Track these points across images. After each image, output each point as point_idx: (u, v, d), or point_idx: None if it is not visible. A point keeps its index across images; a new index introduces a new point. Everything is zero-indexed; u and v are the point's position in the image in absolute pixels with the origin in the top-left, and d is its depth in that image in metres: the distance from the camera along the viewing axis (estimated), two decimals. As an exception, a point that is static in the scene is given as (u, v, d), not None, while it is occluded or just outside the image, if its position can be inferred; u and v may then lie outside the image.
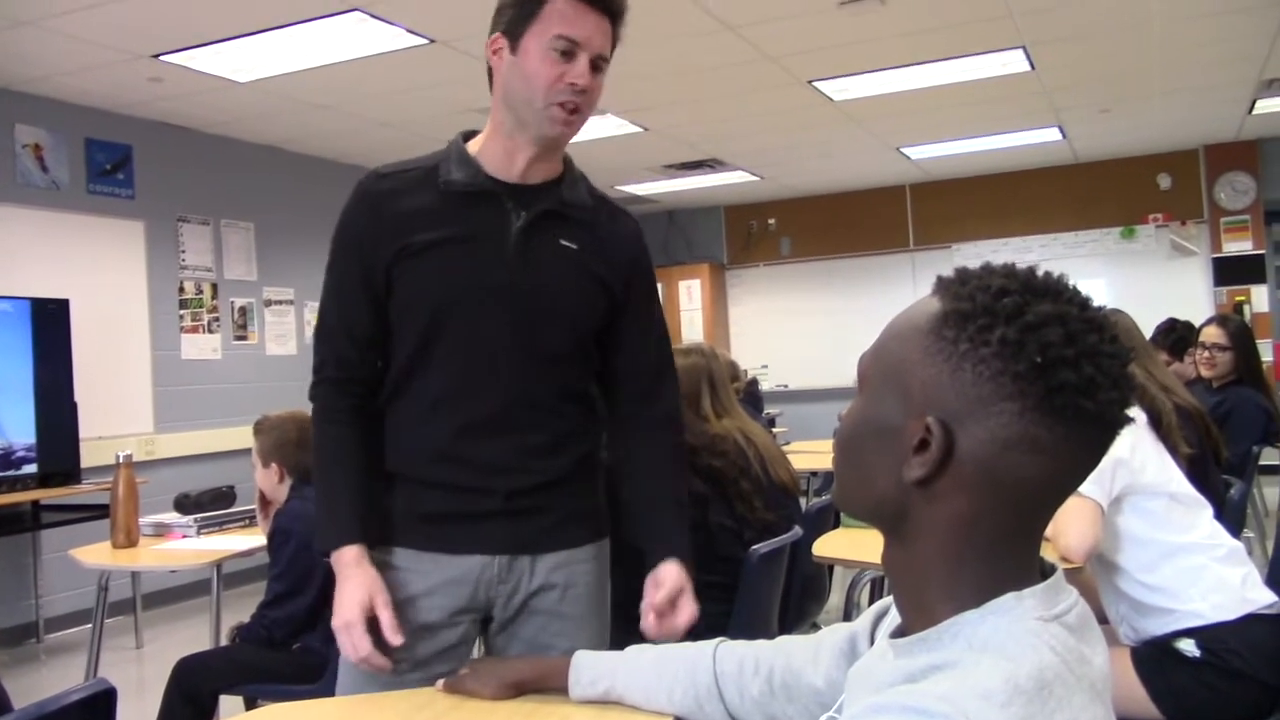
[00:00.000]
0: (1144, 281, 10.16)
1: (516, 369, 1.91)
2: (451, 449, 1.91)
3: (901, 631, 0.99)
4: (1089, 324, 0.90)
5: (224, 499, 4.51)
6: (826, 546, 3.32)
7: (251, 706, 3.51)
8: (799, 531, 3.23)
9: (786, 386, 11.50)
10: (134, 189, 6.91)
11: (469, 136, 1.99)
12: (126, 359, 6.85)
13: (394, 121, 7.28)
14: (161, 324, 7.10)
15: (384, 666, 1.81)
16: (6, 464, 5.73)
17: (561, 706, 1.59)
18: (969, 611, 0.91)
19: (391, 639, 1.81)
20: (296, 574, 3.26)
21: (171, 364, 7.16)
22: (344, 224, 1.96)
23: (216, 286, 7.55)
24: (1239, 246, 9.95)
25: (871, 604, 1.35)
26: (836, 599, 4.39)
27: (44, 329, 5.94)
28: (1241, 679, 2.34)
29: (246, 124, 7.30)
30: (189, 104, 6.68)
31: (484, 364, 1.90)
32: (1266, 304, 9.90)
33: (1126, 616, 2.55)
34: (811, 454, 6.08)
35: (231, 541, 4.01)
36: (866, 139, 8.82)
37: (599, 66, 1.88)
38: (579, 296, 1.96)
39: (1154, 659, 2.44)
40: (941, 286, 0.97)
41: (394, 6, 5.09)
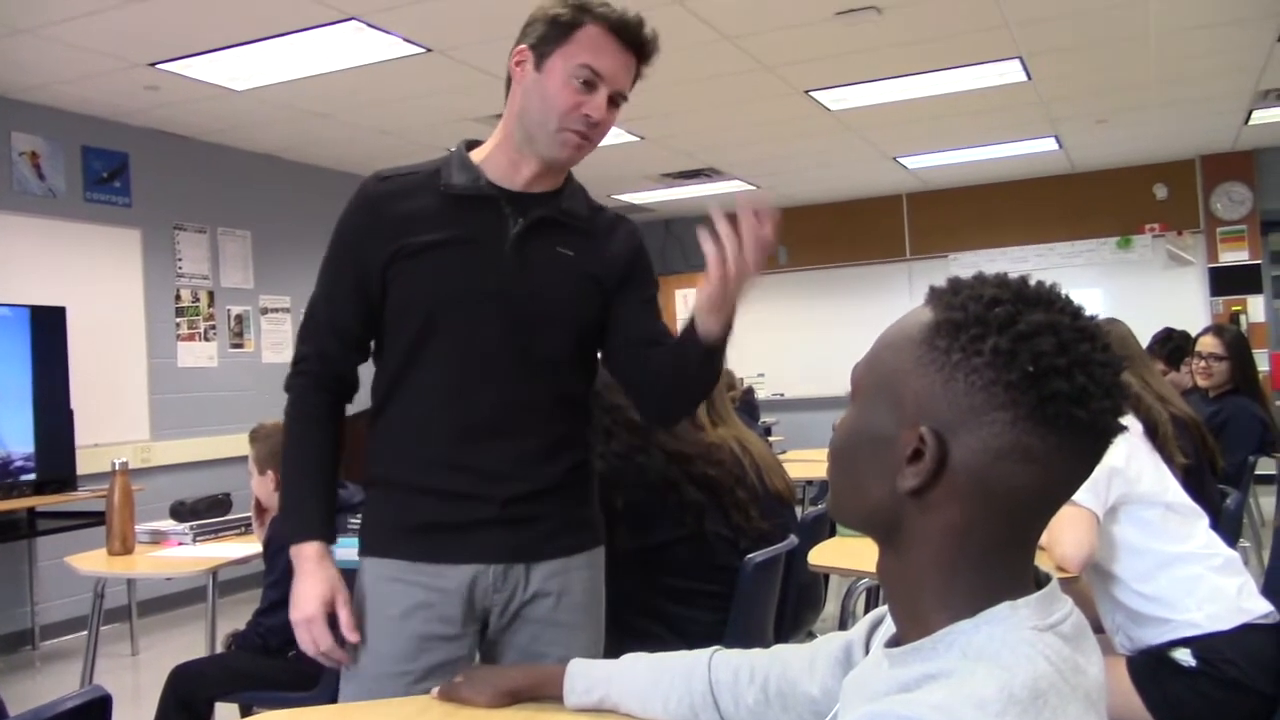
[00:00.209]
0: (1140, 291, 10.18)
1: (511, 374, 1.91)
2: (445, 455, 1.91)
3: (896, 641, 0.99)
4: (1081, 333, 0.90)
5: (220, 506, 4.50)
6: (822, 555, 3.32)
7: (247, 714, 3.52)
8: (795, 540, 3.23)
9: (783, 395, 11.51)
10: (131, 197, 6.91)
11: (472, 145, 2.00)
12: (123, 366, 6.84)
13: (391, 130, 7.29)
14: (158, 332, 7.10)
15: (342, 659, 1.89)
16: (4, 472, 5.72)
17: (556, 715, 1.58)
18: (964, 621, 0.91)
19: (349, 636, 1.88)
20: (292, 581, 3.25)
21: (168, 371, 7.15)
22: (343, 223, 1.98)
23: (213, 294, 7.55)
24: (1235, 256, 9.97)
25: (867, 613, 1.35)
26: (832, 608, 4.39)
27: (41, 336, 5.93)
28: (1237, 688, 2.34)
29: (243, 132, 7.30)
30: (186, 112, 6.69)
31: (478, 368, 1.90)
32: (1263, 314, 9.91)
33: (1122, 626, 2.55)
34: (807, 463, 6.08)
35: (227, 549, 3.99)
36: (863, 148, 8.84)
37: (616, 102, 1.91)
38: (574, 302, 1.96)
39: (1150, 668, 2.44)
40: (934, 296, 0.97)
41: (391, 16, 5.10)
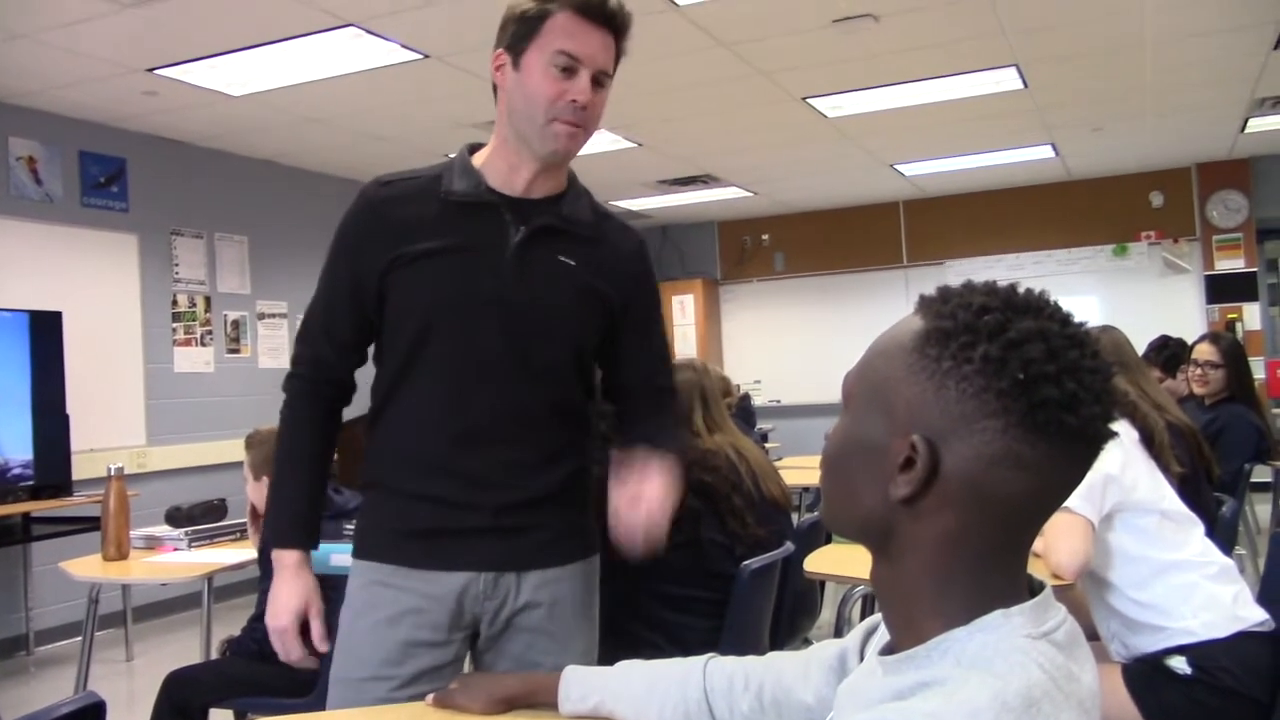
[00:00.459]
0: (1136, 299, 10.19)
1: (508, 382, 1.90)
2: (440, 461, 1.91)
3: (890, 648, 0.99)
4: (1070, 340, 0.91)
5: (215, 512, 4.50)
6: (818, 562, 3.32)
7: (242, 720, 3.52)
8: (790, 547, 3.23)
9: (779, 402, 11.51)
10: (128, 202, 6.91)
11: (475, 149, 1.99)
12: (119, 372, 6.83)
13: (388, 136, 7.29)
14: (154, 337, 7.09)
15: (312, 666, 1.99)
16: (0, 478, 5.71)
17: (551, 722, 1.58)
18: (957, 629, 0.91)
19: (320, 647, 1.92)
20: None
21: (164, 377, 7.15)
22: (343, 227, 1.97)
23: (210, 300, 7.55)
24: (1231, 264, 9.99)
25: (863, 620, 1.34)
26: (828, 614, 4.39)
27: (37, 341, 5.93)
28: (1232, 696, 2.34)
29: (240, 138, 7.30)
30: (183, 117, 6.69)
31: (475, 376, 1.90)
32: (1259, 321, 9.93)
33: (1118, 633, 2.55)
34: (804, 469, 6.07)
35: (222, 555, 3.99)
36: (860, 155, 8.85)
37: (601, 82, 1.88)
38: (574, 312, 1.96)
39: (1145, 676, 2.44)
40: (924, 305, 0.97)
41: (388, 22, 5.10)
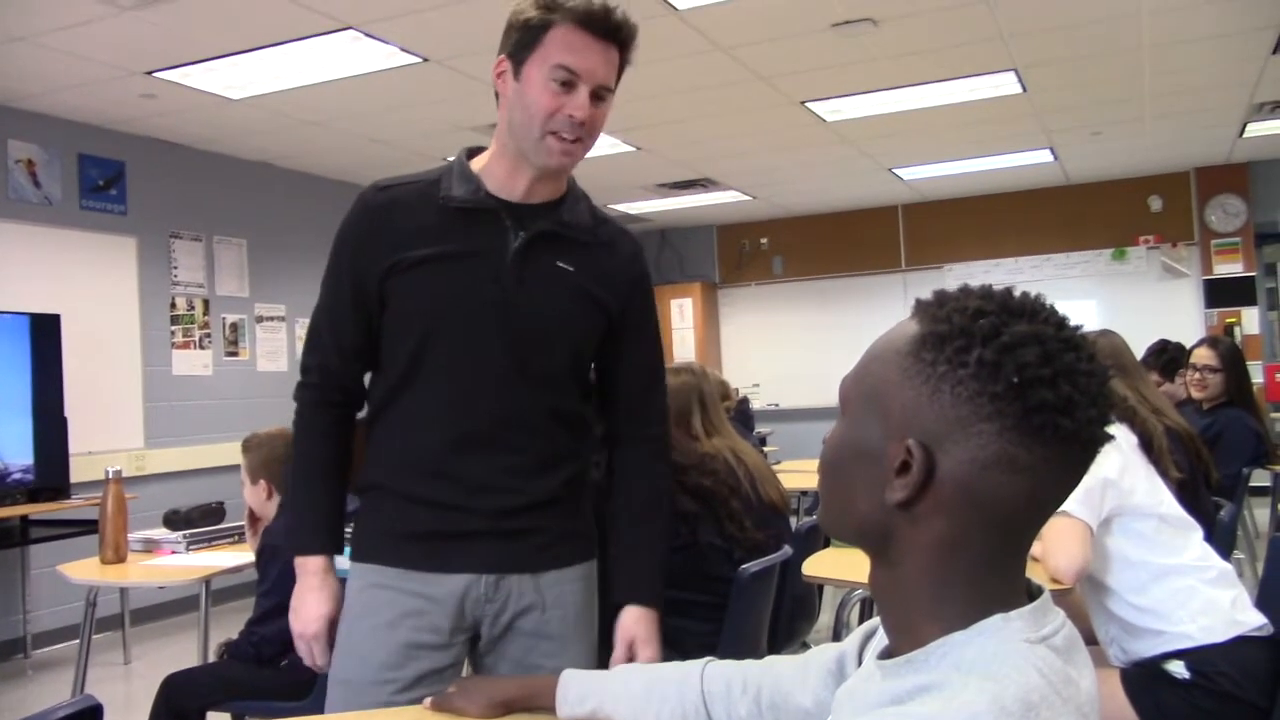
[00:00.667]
0: (1135, 303, 10.20)
1: (507, 388, 1.90)
2: (440, 466, 1.90)
3: (889, 652, 0.99)
4: (1066, 343, 0.90)
5: (213, 515, 4.50)
6: (816, 566, 3.32)
7: (239, 724, 3.51)
8: (789, 551, 3.23)
9: (778, 405, 11.51)
10: (126, 205, 6.90)
11: (474, 153, 1.98)
12: (117, 374, 6.83)
13: (387, 139, 7.29)
14: (153, 340, 7.09)
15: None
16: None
17: (549, 726, 1.58)
18: (956, 633, 0.91)
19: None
20: (285, 591, 3.21)
21: (162, 380, 7.14)
22: (342, 234, 1.97)
23: (208, 302, 7.54)
24: (1229, 268, 9.99)
25: (861, 623, 1.34)
26: (826, 618, 4.39)
27: (35, 344, 5.92)
28: (1231, 701, 2.34)
29: (239, 141, 7.30)
30: (182, 120, 6.69)
31: (475, 382, 1.90)
32: (1257, 326, 9.93)
33: (1116, 638, 2.55)
34: (802, 473, 6.07)
35: (220, 558, 3.99)
36: (859, 160, 8.85)
37: (601, 96, 1.86)
38: (573, 318, 1.95)
39: (1143, 680, 2.44)
40: (920, 309, 0.97)
41: (387, 26, 5.10)
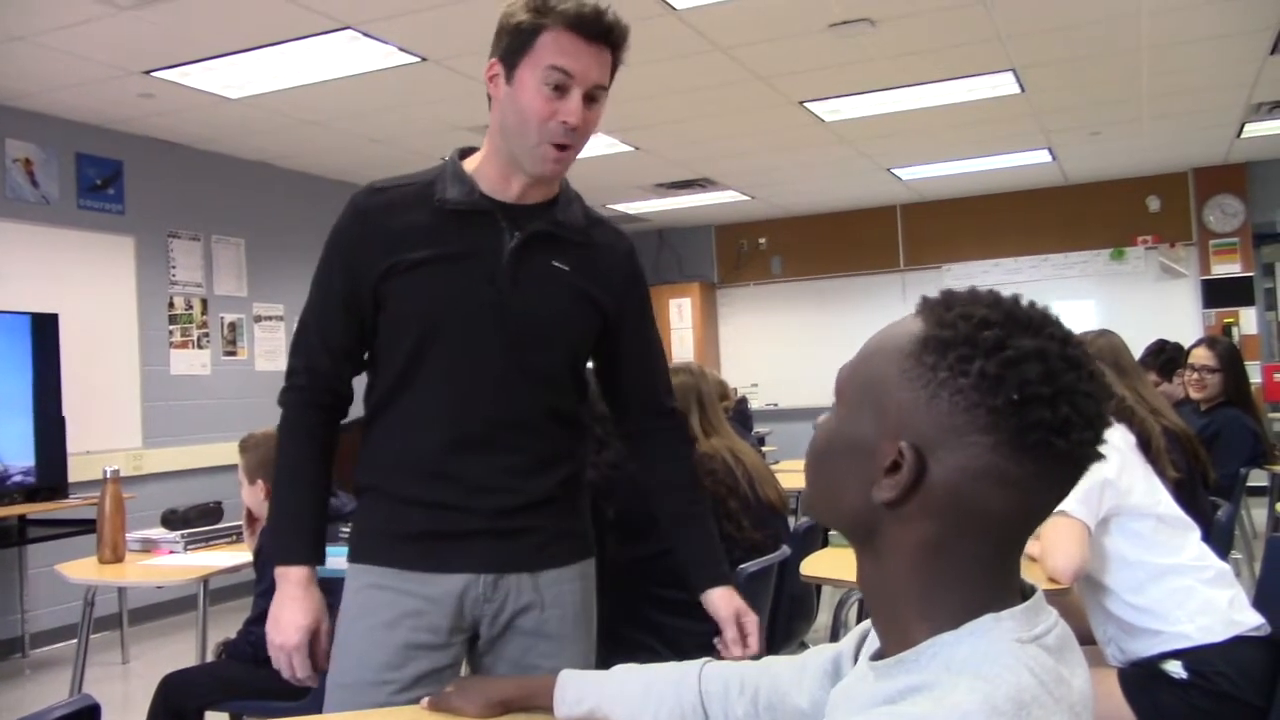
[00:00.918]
0: (1133, 303, 10.20)
1: (505, 388, 1.90)
2: (437, 466, 1.90)
3: (880, 653, 0.99)
4: (1069, 362, 0.90)
5: (211, 515, 4.49)
6: (814, 566, 3.32)
7: (236, 723, 3.51)
8: (787, 551, 3.23)
9: (776, 405, 11.50)
10: (124, 204, 6.90)
11: (466, 154, 1.97)
12: (115, 374, 6.83)
13: (386, 138, 7.29)
14: (151, 339, 7.08)
15: (314, 684, 1.90)
16: (-2, 480, 5.71)
17: (545, 726, 1.58)
18: (947, 633, 0.91)
19: (323, 665, 1.89)
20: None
21: (160, 379, 7.14)
22: (335, 237, 1.95)
23: (206, 302, 7.54)
24: (1227, 269, 10.00)
25: (858, 624, 1.34)
26: (824, 618, 4.38)
27: (34, 343, 5.92)
28: (1228, 701, 2.34)
29: (238, 140, 7.30)
30: (180, 120, 6.69)
31: (472, 382, 1.89)
32: (1255, 326, 9.94)
33: (1114, 638, 2.55)
34: (800, 473, 6.06)
35: (218, 558, 3.99)
36: (857, 160, 8.85)
37: (595, 97, 1.85)
38: (569, 318, 1.96)
39: (1141, 680, 2.44)
40: (926, 308, 0.97)
41: (386, 25, 5.10)
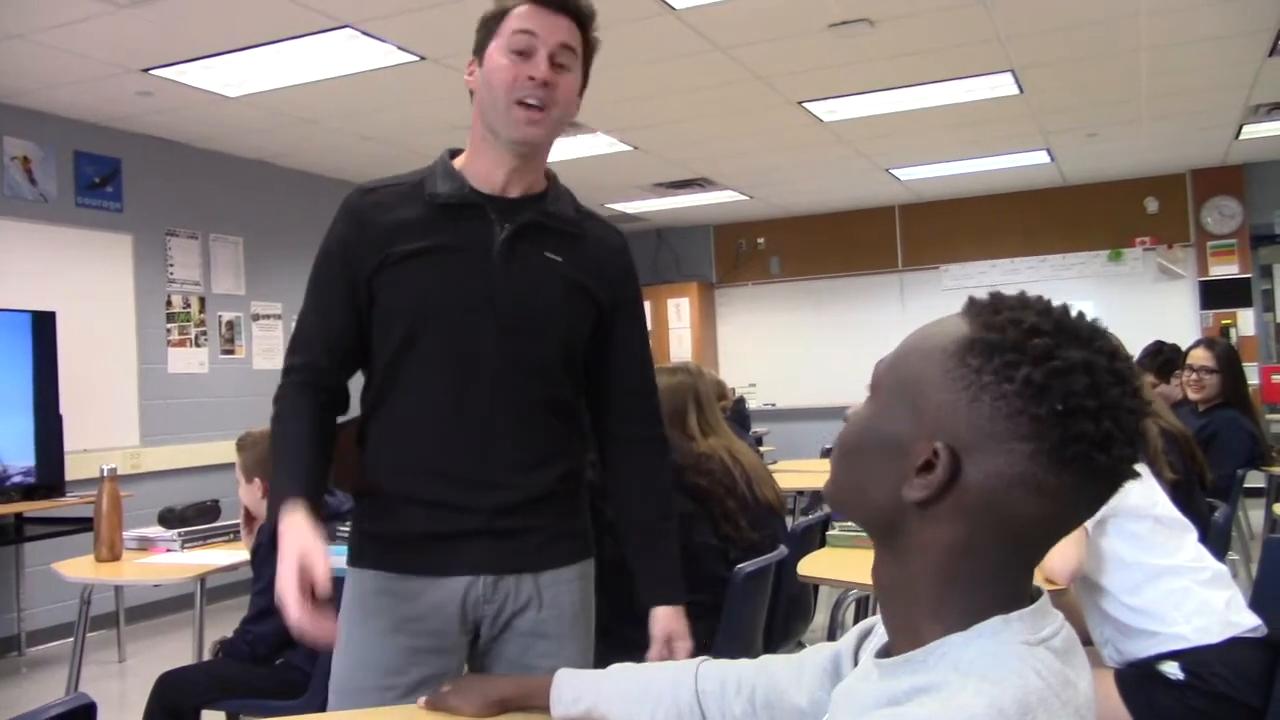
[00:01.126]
0: (1131, 304, 10.21)
1: (501, 381, 1.90)
2: (435, 463, 1.90)
3: (887, 651, 0.99)
4: (1115, 376, 0.89)
5: (208, 513, 4.49)
6: (812, 566, 3.32)
7: (233, 722, 3.51)
8: (784, 550, 3.23)
9: (774, 405, 11.51)
10: (122, 202, 6.89)
11: (455, 154, 1.99)
12: (113, 372, 6.82)
13: (384, 137, 7.29)
14: (148, 337, 7.07)
15: (330, 635, 1.68)
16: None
17: (543, 725, 1.57)
18: (955, 634, 0.91)
19: (321, 594, 1.66)
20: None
21: (158, 377, 7.13)
22: (329, 237, 1.96)
23: (204, 300, 7.53)
24: (1225, 270, 10.01)
25: (856, 623, 1.34)
26: (821, 618, 4.39)
27: (34, 342, 5.91)
28: (1225, 701, 2.35)
29: (236, 138, 7.29)
30: (178, 118, 6.68)
31: (467, 375, 1.89)
32: (1252, 327, 9.95)
33: (1111, 639, 2.55)
34: (799, 473, 6.07)
35: (215, 556, 3.98)
36: (856, 160, 8.85)
37: (564, 63, 1.87)
38: (564, 308, 1.96)
39: (1138, 681, 2.44)
40: (972, 310, 0.95)
41: (384, 24, 5.10)
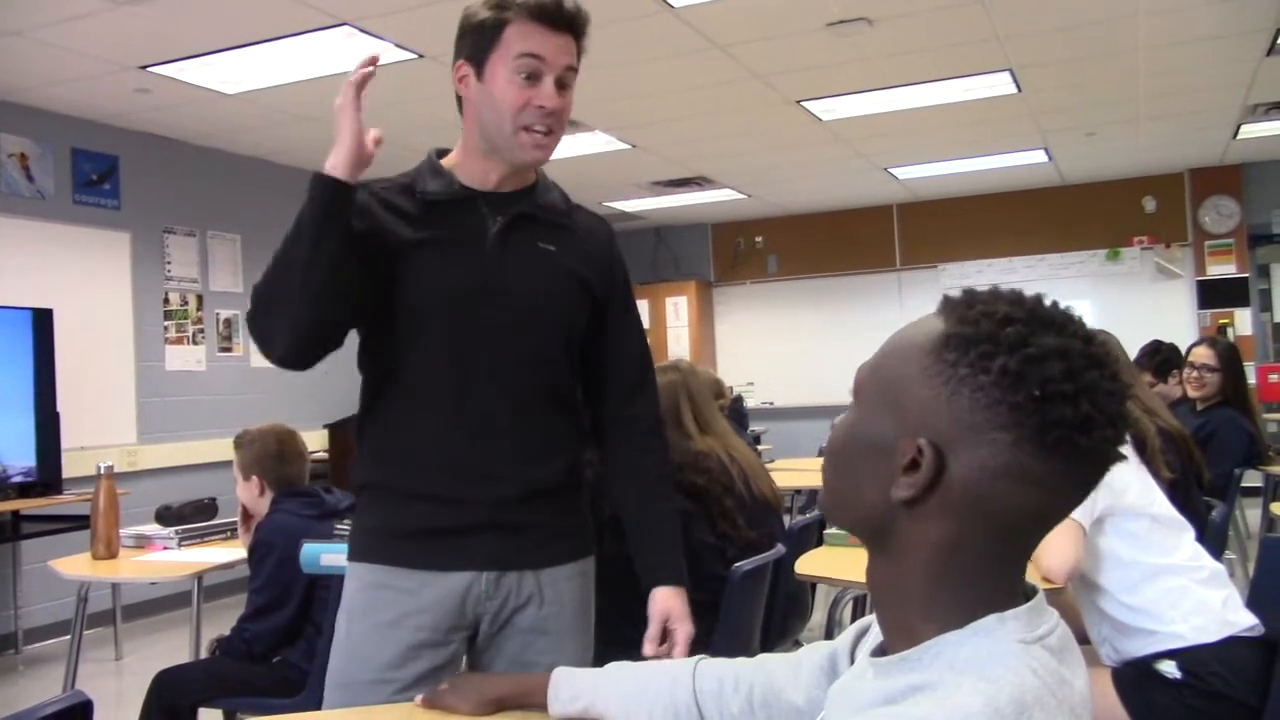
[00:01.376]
0: (1129, 303, 10.22)
1: (499, 373, 1.91)
2: (436, 456, 1.90)
3: (882, 650, 0.99)
4: (1091, 360, 0.90)
5: (206, 511, 4.48)
6: (809, 564, 3.32)
7: (230, 720, 3.51)
8: (782, 549, 3.23)
9: (772, 404, 11.51)
10: (120, 200, 6.89)
11: (441, 154, 2.01)
12: (110, 370, 6.81)
13: (383, 135, 7.25)
14: (146, 335, 7.07)
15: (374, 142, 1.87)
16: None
17: (540, 723, 1.57)
18: (951, 633, 0.91)
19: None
20: (277, 588, 3.25)
21: (155, 375, 7.13)
22: None
23: (201, 298, 7.53)
24: (1223, 270, 10.02)
25: (853, 622, 1.34)
26: (819, 617, 4.39)
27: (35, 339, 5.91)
28: (1222, 700, 2.35)
29: (234, 136, 7.29)
30: (176, 115, 6.67)
31: (465, 367, 1.90)
32: (1250, 327, 9.95)
33: (1109, 637, 2.55)
34: (796, 471, 6.07)
35: (212, 554, 3.98)
36: (854, 159, 8.85)
37: (566, 82, 1.89)
38: (560, 298, 1.97)
39: (1135, 680, 2.44)
40: (947, 307, 0.96)
41: (383, 22, 5.10)
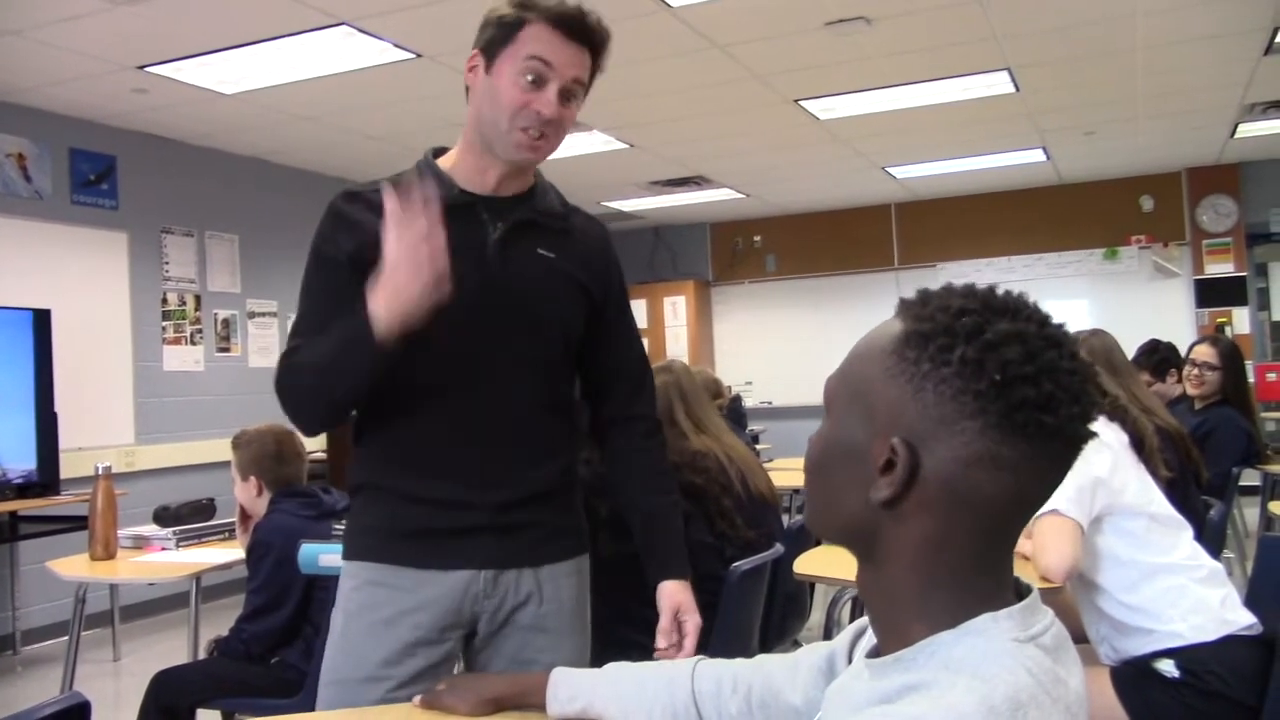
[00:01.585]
0: (1127, 302, 10.22)
1: (498, 378, 1.91)
2: (435, 461, 1.90)
3: (878, 651, 0.99)
4: (1048, 341, 0.91)
5: (204, 512, 4.48)
6: (808, 564, 3.31)
7: (228, 721, 3.51)
8: (780, 549, 3.23)
9: (770, 403, 11.51)
10: (118, 200, 6.88)
11: (439, 154, 2.00)
12: (108, 370, 6.81)
13: (380, 135, 7.28)
14: (144, 335, 7.07)
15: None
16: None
17: (538, 724, 1.57)
18: (945, 632, 0.91)
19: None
20: (275, 588, 3.25)
21: (153, 375, 7.13)
22: (317, 242, 1.95)
23: (200, 298, 7.52)
24: (1220, 268, 10.03)
25: (852, 622, 1.34)
26: (818, 616, 4.39)
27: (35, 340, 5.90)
28: (1220, 699, 2.35)
29: (232, 136, 7.28)
30: (174, 115, 6.67)
31: (465, 373, 1.90)
32: (1247, 326, 9.96)
33: (1107, 636, 2.55)
34: (794, 471, 6.06)
35: (210, 555, 3.97)
36: (852, 158, 8.85)
37: (572, 94, 1.88)
38: (560, 304, 1.97)
39: (1133, 679, 2.44)
40: (903, 308, 0.98)
41: (381, 21, 5.10)
